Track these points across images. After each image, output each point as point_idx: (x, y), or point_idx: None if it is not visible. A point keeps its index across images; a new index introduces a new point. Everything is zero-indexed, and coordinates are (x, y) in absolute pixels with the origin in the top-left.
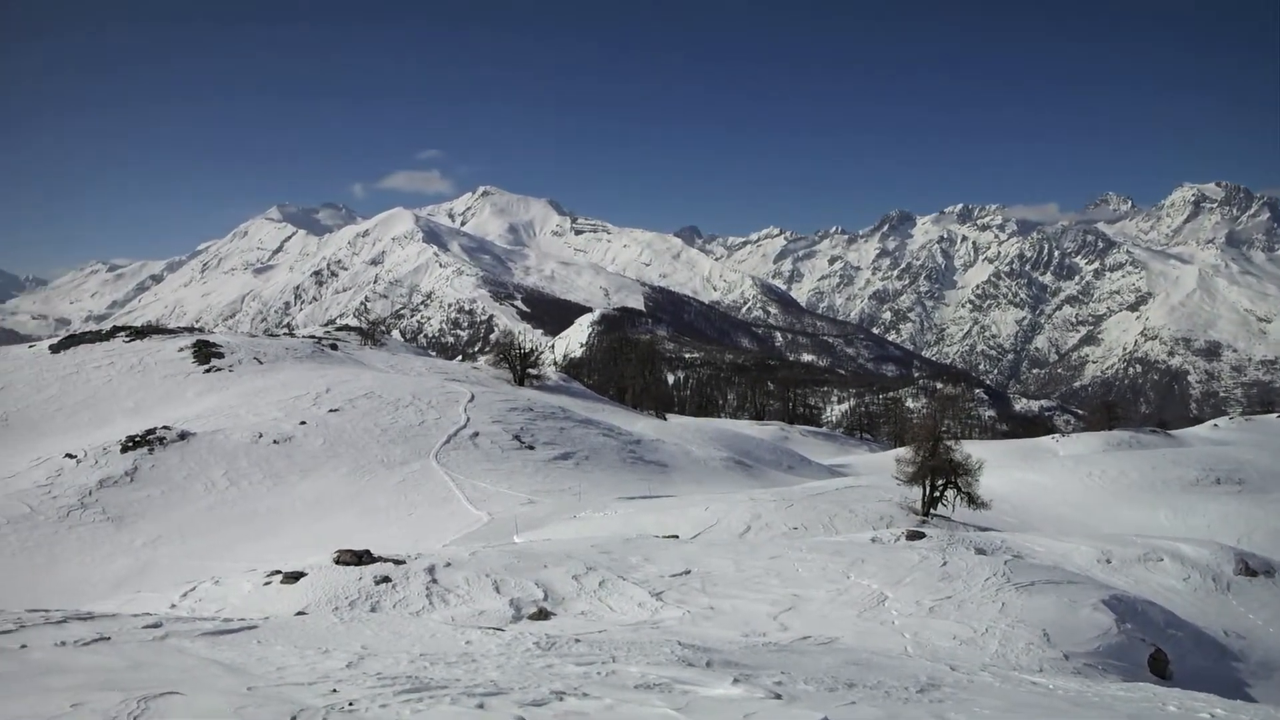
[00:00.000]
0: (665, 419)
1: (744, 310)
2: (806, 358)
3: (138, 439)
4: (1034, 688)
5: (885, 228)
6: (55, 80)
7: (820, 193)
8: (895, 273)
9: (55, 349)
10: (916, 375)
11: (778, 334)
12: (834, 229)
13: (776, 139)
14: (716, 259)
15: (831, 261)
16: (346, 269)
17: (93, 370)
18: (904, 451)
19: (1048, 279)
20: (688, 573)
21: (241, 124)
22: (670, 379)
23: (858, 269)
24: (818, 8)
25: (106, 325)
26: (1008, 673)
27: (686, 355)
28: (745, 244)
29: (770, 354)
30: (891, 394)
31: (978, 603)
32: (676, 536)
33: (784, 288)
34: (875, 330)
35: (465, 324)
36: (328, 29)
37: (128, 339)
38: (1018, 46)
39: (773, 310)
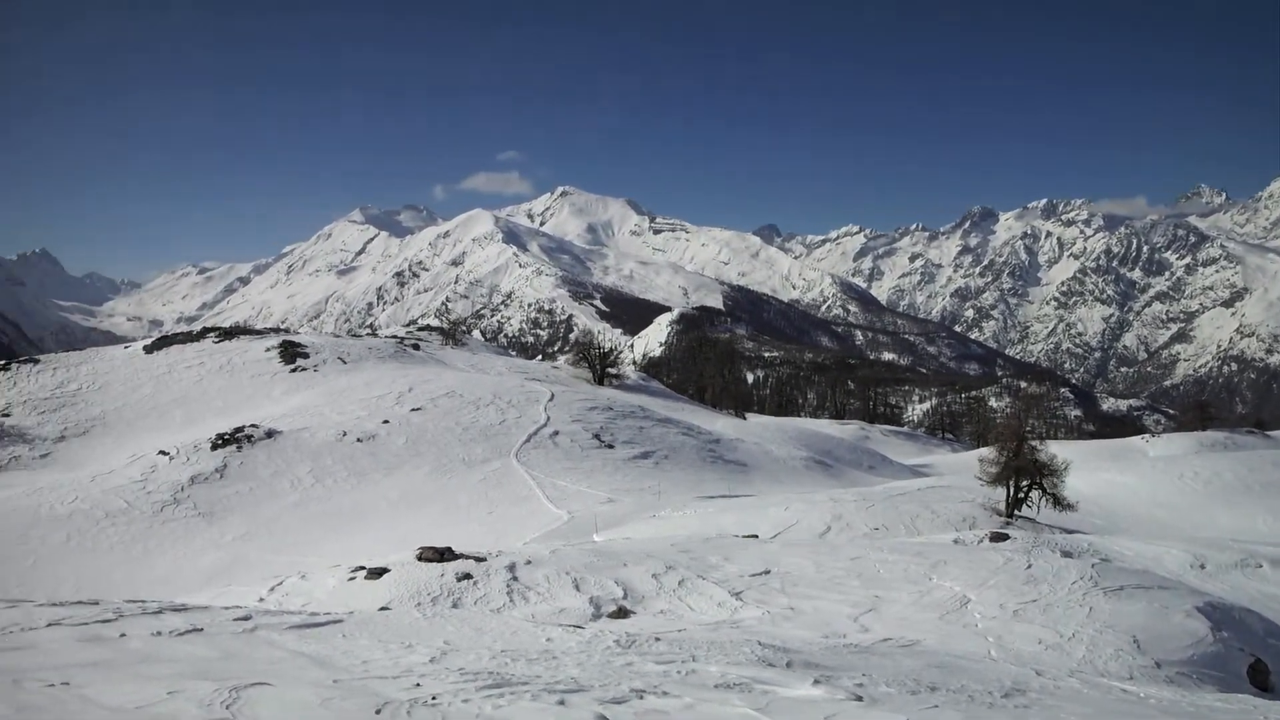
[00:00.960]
0: (744, 418)
1: (823, 309)
2: (887, 356)
3: (227, 437)
4: (1124, 695)
5: (967, 224)
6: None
7: (900, 190)
8: (977, 270)
9: (149, 349)
10: (1000, 374)
11: (858, 332)
12: (914, 226)
13: (856, 136)
14: (795, 257)
15: (912, 259)
16: (428, 270)
17: (184, 370)
18: (987, 452)
19: (1136, 275)
20: (767, 573)
21: (326, 128)
22: (749, 378)
23: (939, 266)
24: (901, 6)
25: (197, 326)
26: (1096, 679)
27: (765, 354)
28: (824, 242)
29: (850, 353)
30: (974, 393)
31: (1064, 607)
32: (756, 536)
33: (864, 286)
34: (957, 328)
35: (545, 323)
36: (410, 31)
37: (217, 340)
38: (1101, 41)
39: (852, 308)
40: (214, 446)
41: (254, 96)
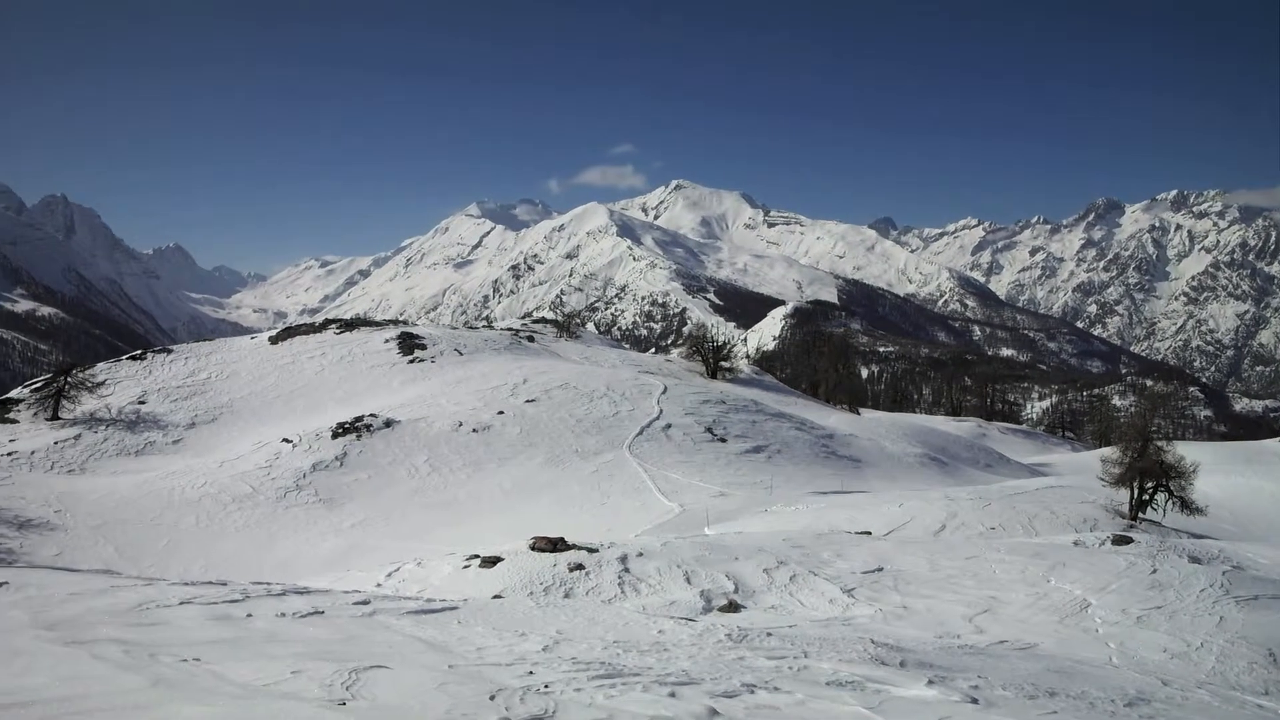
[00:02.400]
0: (859, 414)
1: (940, 303)
2: (1006, 352)
3: (347, 426)
4: (1259, 711)
5: (1091, 217)
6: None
7: (1020, 182)
8: (1101, 264)
9: (274, 340)
10: (1124, 372)
11: (975, 328)
12: (1035, 219)
13: (975, 128)
14: (912, 251)
15: (1033, 253)
16: (543, 263)
17: (306, 360)
18: (1110, 451)
19: (1275, 269)
20: (880, 570)
21: (444, 124)
22: (864, 373)
23: (1060, 260)
24: None
25: (319, 318)
26: (1227, 692)
27: (880, 349)
28: (941, 235)
29: (967, 348)
30: (1096, 391)
31: (1192, 615)
32: (869, 533)
33: (982, 280)
34: (1079, 324)
35: (658, 316)
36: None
37: (338, 331)
38: (1228, 19)
39: (970, 303)
40: (334, 435)
41: (374, 96)
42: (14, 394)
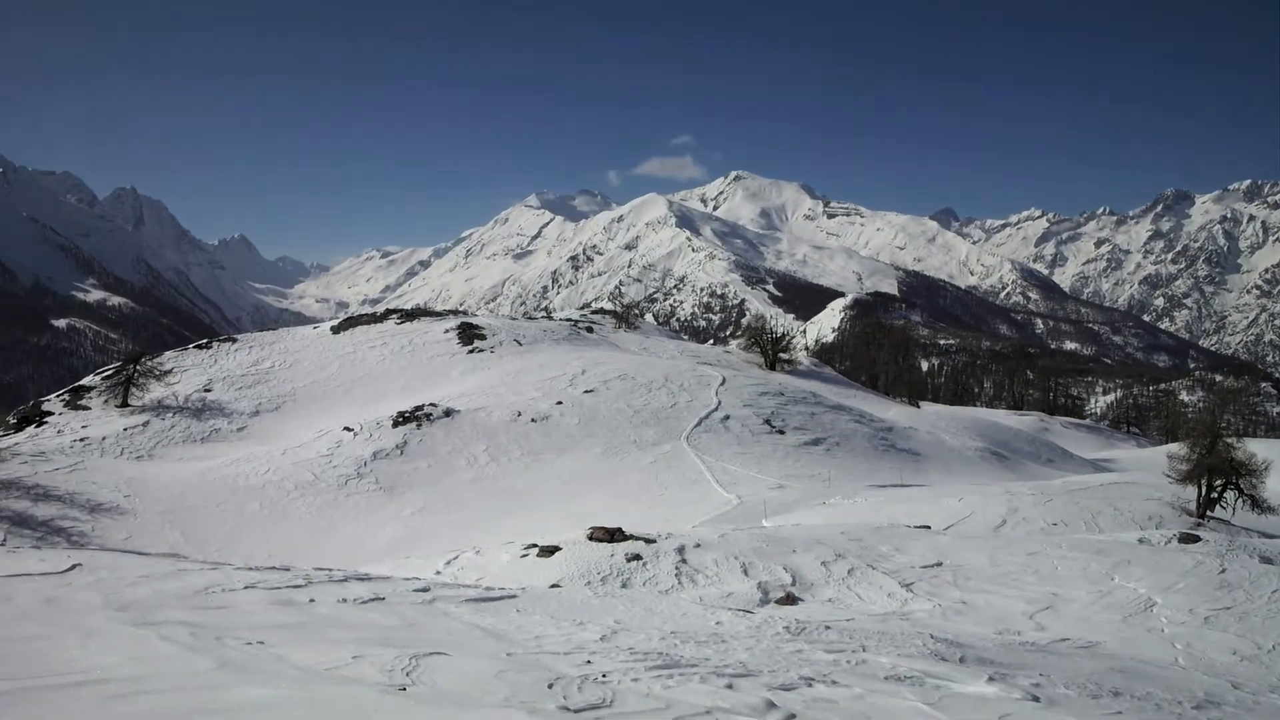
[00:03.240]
0: (918, 406)
1: (1002, 295)
2: (1069, 346)
3: (407, 415)
4: None
5: (1159, 208)
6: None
7: (1086, 172)
8: (1169, 256)
9: (336, 330)
10: (1192, 366)
11: (1038, 320)
12: (1101, 210)
13: (1038, 116)
14: (974, 242)
15: (1098, 244)
16: (601, 254)
17: (368, 350)
18: (1177, 448)
19: None
20: (939, 565)
21: (504, 116)
22: (924, 366)
23: (1127, 252)
24: None
25: (380, 308)
26: None
27: (941, 342)
28: (1004, 226)
29: (1030, 341)
30: (1163, 386)
31: (1263, 616)
32: (928, 527)
33: (1045, 272)
34: (1145, 317)
35: (717, 308)
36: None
37: (398, 321)
38: None
39: (1033, 295)
40: (395, 424)
41: (436, 89)
42: (86, 381)
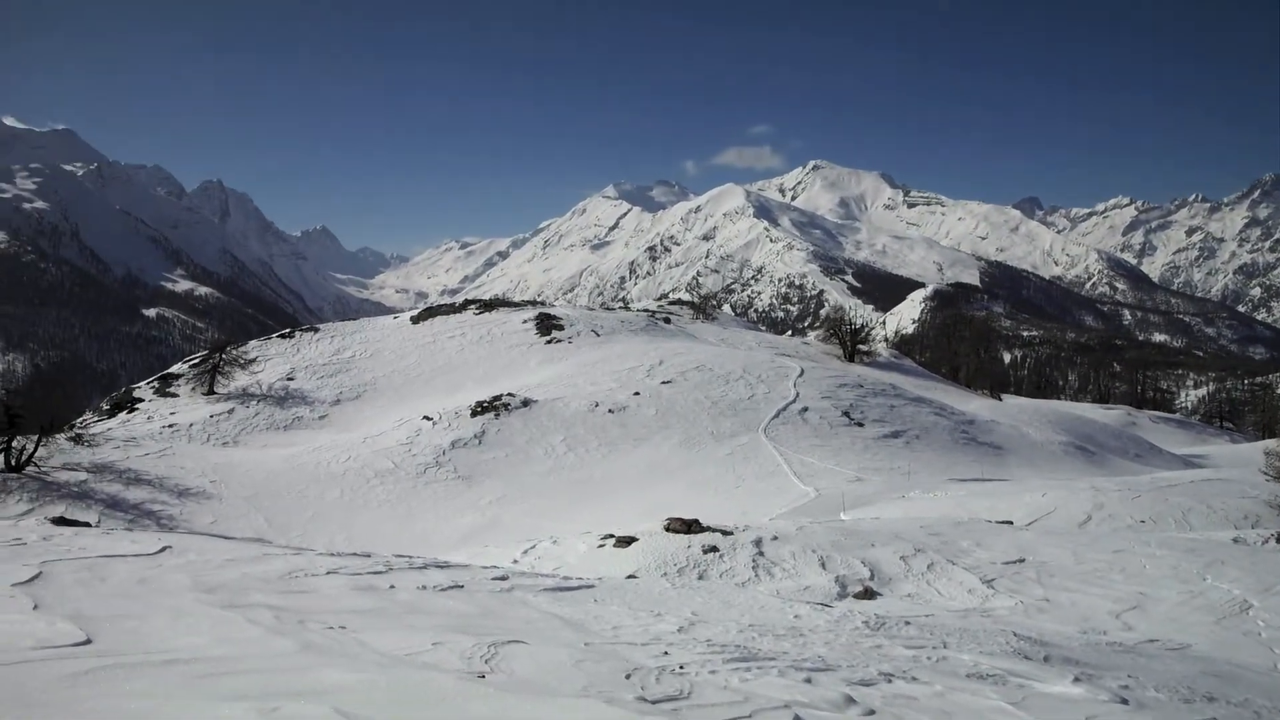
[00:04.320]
0: (1000, 399)
1: (1087, 286)
2: (1158, 337)
3: (486, 404)
4: None
5: (1256, 194)
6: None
7: (1176, 158)
8: (1267, 244)
9: (415, 320)
10: None
11: (1125, 311)
12: (1193, 197)
13: (1125, 103)
14: (1058, 231)
15: (1189, 233)
16: (679, 244)
17: (447, 340)
18: (1275, 443)
19: None
20: (1021, 561)
21: (583, 107)
22: (1006, 358)
23: (1220, 240)
24: None
25: (459, 299)
26: None
27: (1024, 333)
28: (1090, 215)
29: (1117, 333)
30: (1260, 379)
31: None
32: (1010, 523)
33: (1133, 262)
34: (1240, 308)
35: (795, 299)
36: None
37: (477, 311)
38: None
39: (1120, 286)
40: (473, 413)
41: (514, 79)
42: (174, 369)
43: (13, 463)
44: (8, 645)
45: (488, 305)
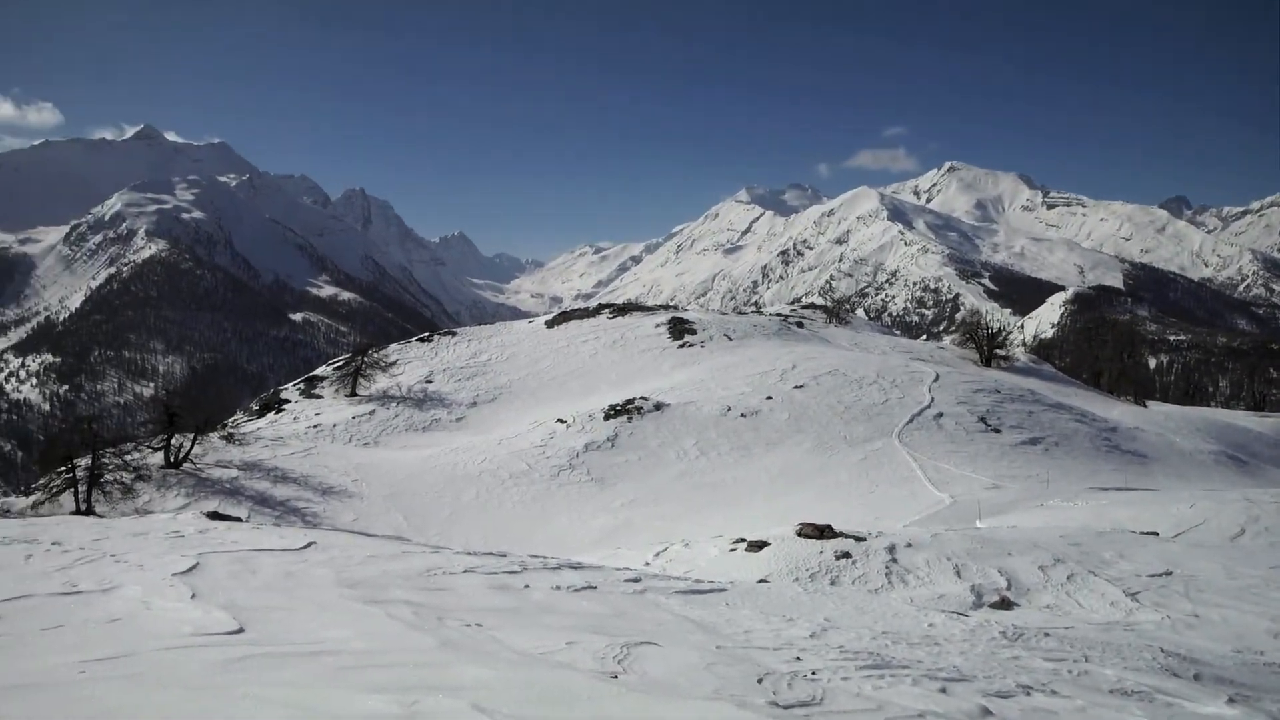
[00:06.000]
0: (1145, 406)
1: (1240, 288)
2: None
3: (618, 408)
4: None
5: None
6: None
7: None
8: None
9: (550, 324)
10: None
11: None
12: None
13: None
14: (1209, 231)
15: None
16: (812, 248)
17: (580, 344)
18: None
19: None
20: (1168, 574)
21: (716, 112)
22: (1151, 363)
23: None
24: None
25: (592, 303)
26: None
27: (1170, 337)
28: (1244, 214)
29: (1273, 337)
30: None
31: None
32: (1155, 534)
33: None
34: None
35: (930, 302)
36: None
37: (611, 316)
38: None
39: (1277, 288)
40: (606, 417)
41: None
42: (319, 371)
43: (171, 459)
44: (169, 631)
45: (621, 309)
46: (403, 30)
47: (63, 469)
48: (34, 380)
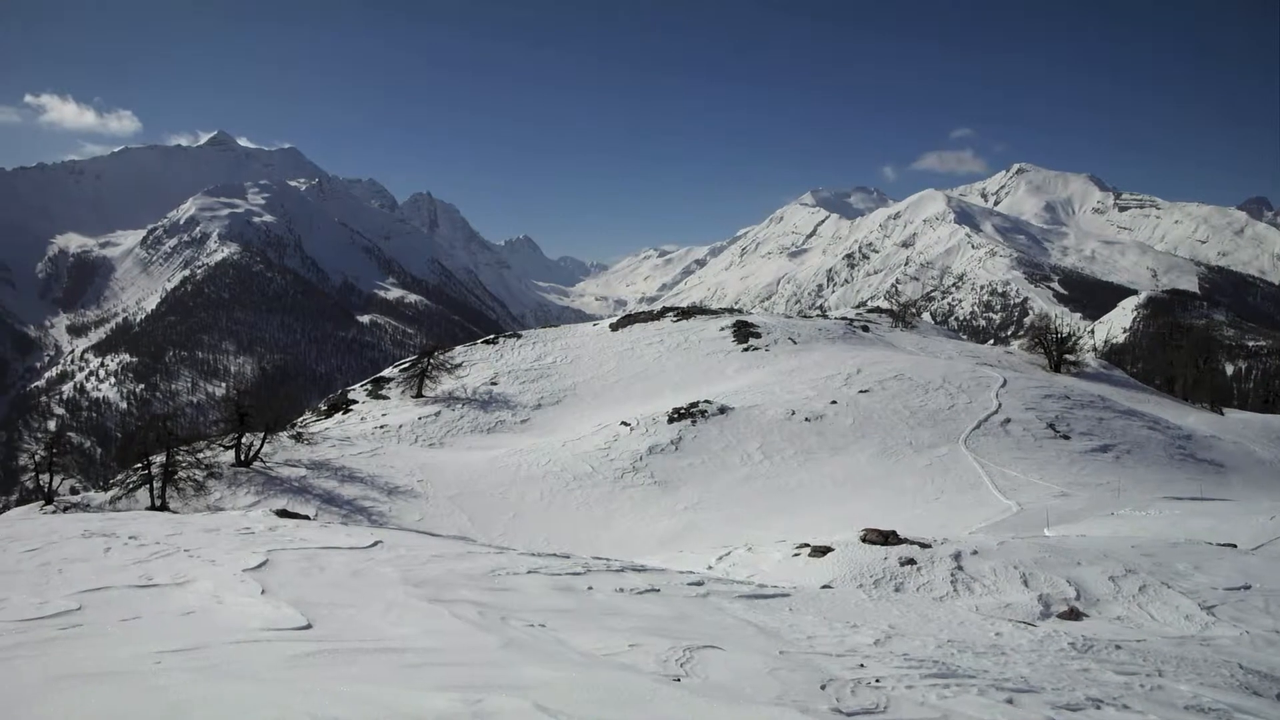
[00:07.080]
0: (1222, 413)
1: None
2: None
3: (682, 411)
4: None
5: None
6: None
7: None
8: None
9: (614, 327)
10: None
11: None
12: None
13: None
14: None
15: None
16: (877, 251)
17: (645, 347)
18: None
19: None
20: (1247, 588)
21: (782, 114)
22: (1229, 369)
23: None
24: None
25: (656, 306)
26: None
27: (1249, 343)
28: None
29: None
30: None
31: None
32: (1233, 546)
33: None
34: None
35: (997, 306)
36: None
37: (675, 319)
38: None
39: None
40: (670, 420)
41: (712, 87)
42: (386, 373)
43: (242, 458)
44: (240, 625)
45: (685, 313)
46: (473, 34)
47: (139, 465)
48: (112, 379)
